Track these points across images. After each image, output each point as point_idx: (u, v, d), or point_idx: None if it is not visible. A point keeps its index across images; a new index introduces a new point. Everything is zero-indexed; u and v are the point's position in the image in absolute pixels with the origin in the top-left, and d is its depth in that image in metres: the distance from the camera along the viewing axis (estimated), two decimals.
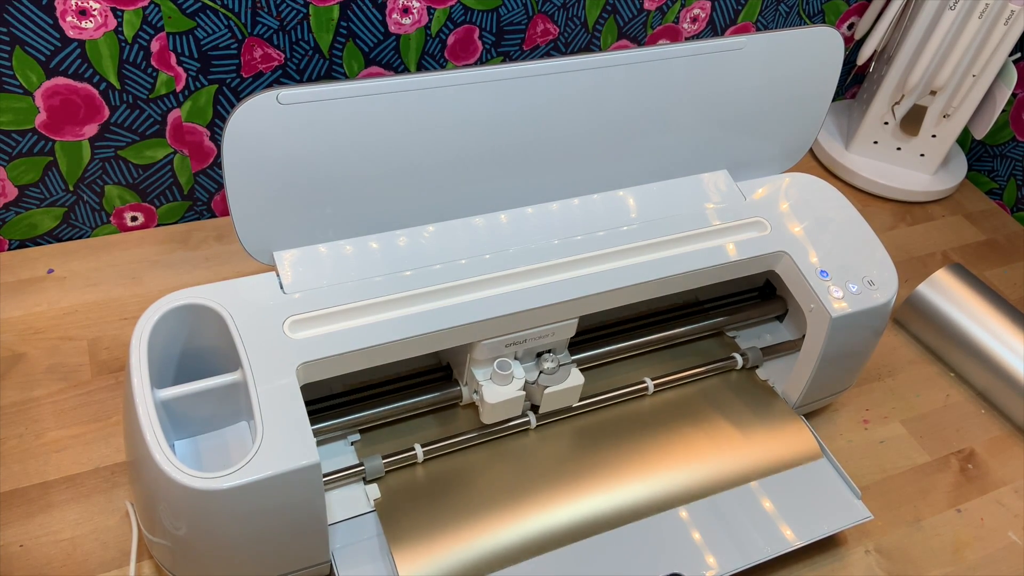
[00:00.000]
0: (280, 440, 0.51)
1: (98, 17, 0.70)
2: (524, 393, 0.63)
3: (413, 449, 0.63)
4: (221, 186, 0.86)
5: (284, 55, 0.79)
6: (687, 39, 0.97)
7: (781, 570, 0.65)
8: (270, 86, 0.69)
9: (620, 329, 0.74)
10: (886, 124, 1.03)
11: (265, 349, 0.54)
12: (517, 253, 0.62)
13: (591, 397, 0.70)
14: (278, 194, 0.55)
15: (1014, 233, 1.04)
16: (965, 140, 1.12)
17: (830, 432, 0.76)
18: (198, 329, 0.57)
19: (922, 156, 1.04)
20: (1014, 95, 1.05)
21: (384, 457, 0.62)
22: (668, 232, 0.66)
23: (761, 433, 0.70)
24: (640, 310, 0.76)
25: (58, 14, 0.69)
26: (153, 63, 0.75)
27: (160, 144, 0.80)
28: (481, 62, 0.88)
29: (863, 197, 1.05)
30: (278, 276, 0.57)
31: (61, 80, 0.72)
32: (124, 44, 0.72)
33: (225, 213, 0.88)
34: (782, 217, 0.69)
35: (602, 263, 0.63)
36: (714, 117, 0.67)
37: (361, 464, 0.62)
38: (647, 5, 0.92)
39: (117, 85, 0.75)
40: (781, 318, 0.78)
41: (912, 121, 1.01)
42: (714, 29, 0.98)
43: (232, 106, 0.77)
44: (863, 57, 1.00)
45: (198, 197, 0.86)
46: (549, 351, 0.65)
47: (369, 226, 0.60)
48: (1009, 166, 1.07)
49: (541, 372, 0.64)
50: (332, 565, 0.58)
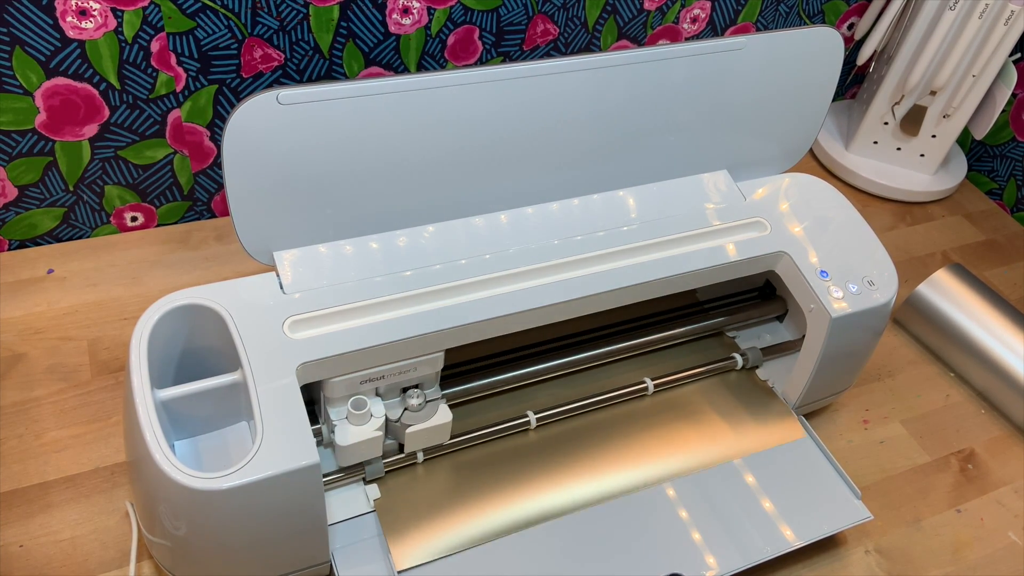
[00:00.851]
0: (280, 440, 0.51)
1: (98, 17, 0.70)
2: (382, 434, 0.59)
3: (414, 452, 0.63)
4: (221, 186, 0.86)
5: (284, 55, 0.79)
6: (687, 39, 0.97)
7: (781, 570, 0.65)
8: (270, 86, 0.69)
9: (620, 329, 0.74)
10: (886, 124, 1.03)
11: (265, 349, 0.54)
12: (517, 253, 0.62)
13: (591, 397, 0.70)
14: (278, 194, 0.55)
15: (1014, 233, 1.03)
16: (965, 140, 1.12)
17: (830, 432, 0.76)
18: (198, 329, 0.57)
19: (922, 156, 1.04)
20: (1014, 95, 1.05)
21: (384, 457, 0.62)
22: (668, 232, 0.66)
23: (760, 433, 0.70)
24: (640, 310, 0.76)
25: (58, 14, 0.69)
26: (153, 63, 0.75)
27: (160, 144, 0.80)
28: (481, 62, 0.88)
29: (863, 197, 1.05)
30: (278, 276, 0.57)
31: (61, 80, 0.73)
32: (124, 44, 0.72)
33: (225, 213, 0.88)
34: (782, 217, 0.69)
35: (602, 263, 0.63)
36: (714, 117, 0.67)
37: (361, 464, 0.62)
38: (647, 5, 0.92)
39: (117, 85, 0.75)
40: (781, 318, 0.78)
41: (912, 121, 1.01)
42: (714, 29, 0.98)
43: (232, 106, 0.77)
44: (863, 57, 1.00)
45: (198, 197, 0.86)
46: (416, 386, 0.61)
47: (369, 226, 0.60)
48: (1009, 166, 1.07)
49: (405, 409, 0.60)
50: (332, 565, 0.58)
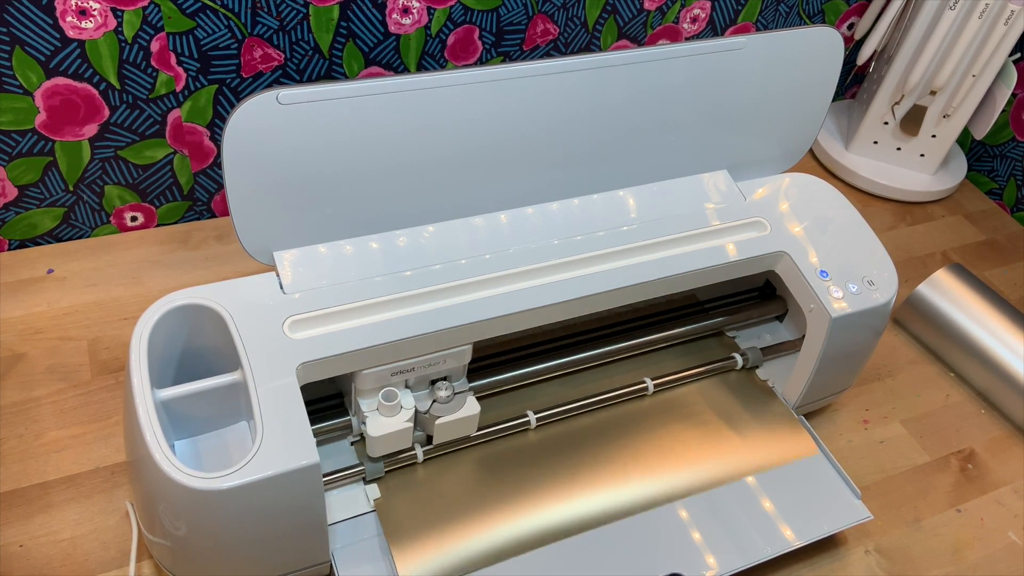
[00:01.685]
0: (280, 440, 0.51)
1: (98, 17, 0.70)
2: (411, 425, 0.60)
3: (413, 449, 0.63)
4: (221, 186, 0.86)
5: (284, 55, 0.79)
6: (687, 39, 0.97)
7: (781, 570, 0.65)
8: (270, 86, 0.69)
9: (620, 329, 0.74)
10: (886, 124, 1.03)
11: (265, 349, 0.54)
12: (517, 253, 0.62)
13: (591, 397, 0.70)
14: (278, 194, 0.55)
15: (1014, 233, 1.03)
16: (965, 140, 1.12)
17: (830, 432, 0.76)
18: (198, 329, 0.57)
19: (922, 156, 1.04)
20: (1014, 95, 1.05)
21: (384, 457, 0.62)
22: (668, 232, 0.66)
23: (760, 433, 0.70)
24: (640, 310, 0.76)
25: (58, 14, 0.69)
26: (153, 63, 0.75)
27: (160, 144, 0.80)
28: (481, 62, 0.88)
29: (863, 197, 1.05)
30: (278, 276, 0.57)
31: (61, 80, 0.73)
32: (124, 44, 0.72)
33: (225, 213, 0.88)
34: (782, 217, 0.69)
35: (602, 263, 0.63)
36: (714, 117, 0.67)
37: (361, 464, 0.62)
38: (647, 5, 0.92)
39: (117, 85, 0.75)
40: (781, 318, 0.78)
41: (912, 121, 1.01)
42: (714, 29, 0.98)
43: (232, 106, 0.77)
44: (863, 57, 1.00)
45: (198, 197, 0.86)
46: (444, 379, 0.62)
47: (369, 226, 0.60)
48: (1009, 166, 1.07)
49: (434, 401, 0.61)
50: (332, 565, 0.58)
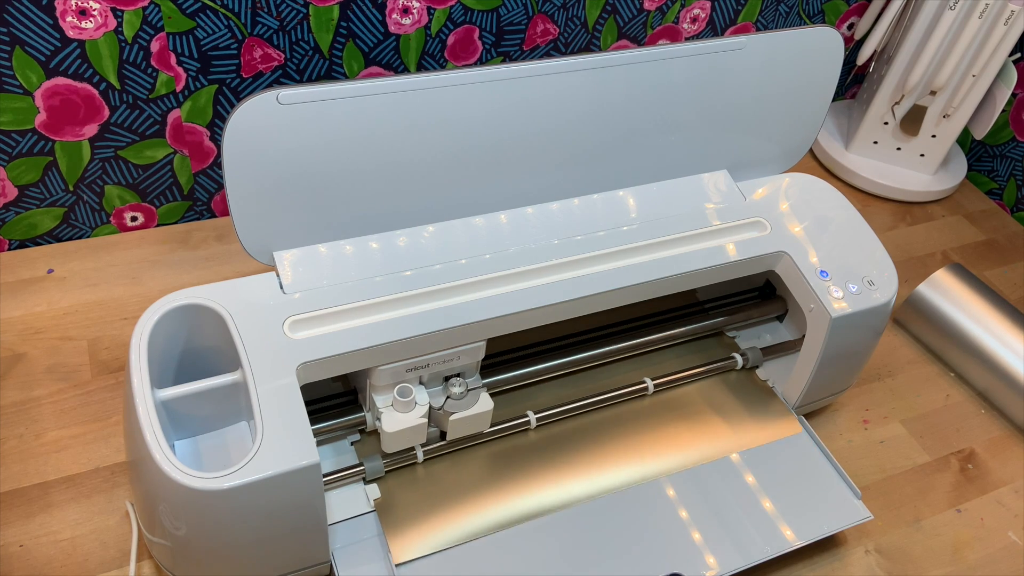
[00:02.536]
0: (280, 440, 0.51)
1: (98, 17, 0.70)
2: (426, 421, 0.60)
3: (413, 449, 0.63)
4: (221, 186, 0.86)
5: (284, 55, 0.79)
6: (687, 39, 0.97)
7: (781, 570, 0.65)
8: (270, 86, 0.69)
9: (620, 329, 0.74)
10: (886, 124, 1.03)
11: (265, 349, 0.54)
12: (517, 253, 0.62)
13: (591, 397, 0.70)
14: (278, 194, 0.55)
15: (1014, 233, 1.03)
16: (965, 140, 1.12)
17: (830, 432, 0.76)
18: (198, 329, 0.57)
19: (922, 156, 1.04)
20: (1014, 95, 1.05)
21: (384, 457, 0.62)
22: (668, 232, 0.66)
23: (760, 433, 0.70)
24: (640, 310, 0.76)
25: (58, 14, 0.69)
26: (153, 63, 0.75)
27: (160, 144, 0.80)
28: (481, 62, 0.88)
29: (863, 197, 1.05)
30: (278, 276, 0.57)
31: (61, 80, 0.73)
32: (124, 44, 0.72)
33: (225, 213, 0.88)
34: (782, 217, 0.69)
35: (602, 263, 0.63)
36: (714, 117, 0.67)
37: (361, 464, 0.62)
38: (647, 5, 0.92)
39: (117, 85, 0.75)
40: (781, 318, 0.78)
41: (912, 121, 1.01)
42: (714, 29, 0.98)
43: (232, 106, 0.77)
44: (863, 57, 1.00)
45: (198, 197, 0.86)
46: (458, 375, 0.62)
47: (369, 226, 0.60)
48: (1009, 166, 1.07)
49: (448, 397, 0.61)
50: (332, 565, 0.58)
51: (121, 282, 0.80)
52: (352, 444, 0.65)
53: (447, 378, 0.62)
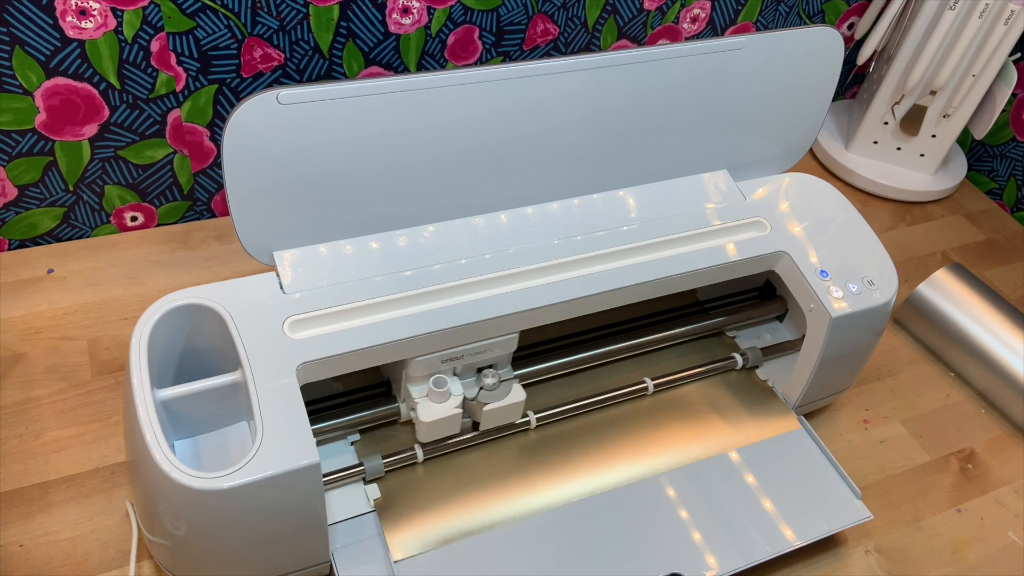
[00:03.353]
0: (280, 440, 0.51)
1: (98, 17, 0.70)
2: (461, 411, 0.61)
3: (413, 449, 0.63)
4: (221, 186, 0.86)
5: (284, 55, 0.79)
6: (687, 39, 0.97)
7: (781, 570, 0.65)
8: (270, 86, 0.69)
9: (620, 329, 0.74)
10: (886, 124, 1.03)
11: (265, 349, 0.54)
12: (517, 253, 0.62)
13: (591, 397, 0.70)
14: (278, 194, 0.55)
15: (1014, 233, 1.04)
16: (965, 140, 1.12)
17: (830, 432, 0.76)
18: (198, 329, 0.57)
19: (922, 156, 1.04)
20: (1014, 95, 1.05)
21: (384, 457, 0.62)
22: (668, 232, 0.66)
23: (760, 433, 0.70)
24: (640, 310, 0.76)
25: (58, 14, 0.69)
26: (153, 63, 0.75)
27: (160, 144, 0.80)
28: (481, 62, 0.88)
29: (863, 197, 1.05)
30: (278, 276, 0.57)
31: (61, 80, 0.72)
32: (124, 44, 0.72)
33: (225, 213, 0.88)
34: (782, 217, 0.69)
35: (602, 263, 0.63)
36: (714, 117, 0.67)
37: (361, 464, 0.62)
38: (647, 5, 0.92)
39: (117, 85, 0.75)
40: (781, 318, 0.78)
41: (912, 121, 1.01)
42: (714, 29, 0.98)
43: (232, 106, 0.77)
44: (863, 57, 1.00)
45: (198, 197, 0.86)
46: (490, 366, 0.63)
47: (369, 226, 0.60)
48: (1009, 166, 1.07)
49: (481, 388, 0.62)
50: (332, 565, 0.58)
51: (121, 282, 0.80)
52: (352, 444, 0.65)
53: (480, 369, 0.63)
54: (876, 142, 1.05)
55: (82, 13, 0.69)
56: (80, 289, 0.78)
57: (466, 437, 0.65)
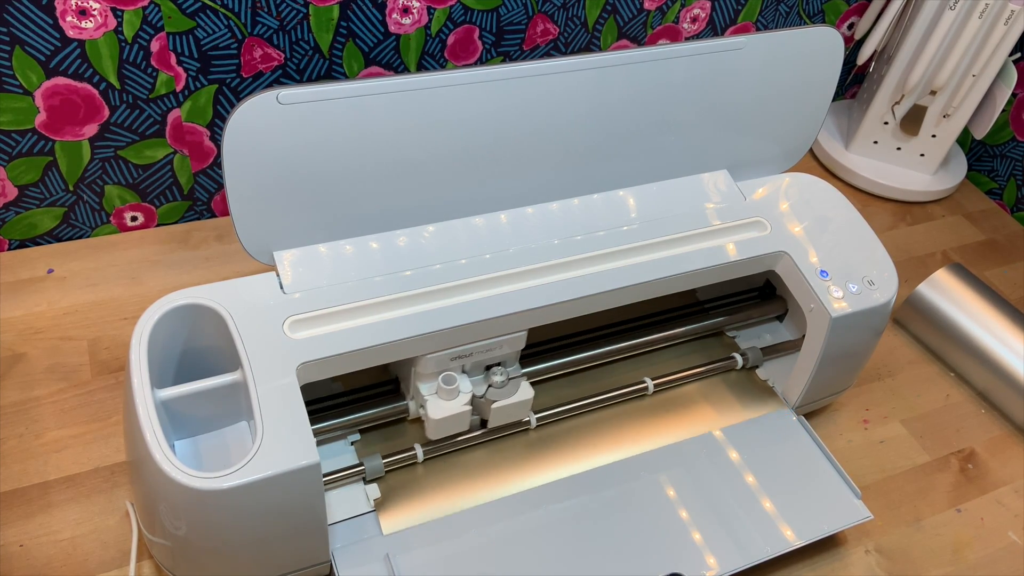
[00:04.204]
0: (280, 440, 0.51)
1: (98, 17, 0.70)
2: (470, 408, 0.61)
3: (413, 449, 0.63)
4: (221, 186, 0.86)
5: (284, 55, 0.79)
6: (687, 39, 0.97)
7: (781, 570, 0.65)
8: (270, 86, 0.69)
9: (620, 329, 0.74)
10: (886, 124, 1.03)
11: (265, 349, 0.54)
12: (517, 253, 0.62)
13: (591, 397, 0.70)
14: (278, 194, 0.55)
15: (1014, 233, 1.03)
16: (965, 140, 1.12)
17: (830, 432, 0.76)
18: (198, 329, 0.57)
19: (922, 156, 1.04)
20: (1014, 95, 1.05)
21: (384, 457, 0.62)
22: (668, 232, 0.66)
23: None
24: (640, 310, 0.76)
25: (58, 14, 0.69)
26: (153, 63, 0.75)
27: (160, 144, 0.80)
28: (481, 62, 0.88)
29: (863, 197, 1.05)
30: (278, 276, 0.57)
31: (61, 80, 0.73)
32: (124, 44, 0.72)
33: (225, 213, 0.88)
34: (782, 217, 0.69)
35: (602, 263, 0.63)
36: (714, 117, 0.67)
37: (361, 464, 0.62)
38: (647, 5, 0.92)
39: (117, 85, 0.75)
40: (781, 318, 0.78)
41: (912, 121, 1.01)
42: (714, 29, 0.98)
43: (232, 106, 0.77)
44: (863, 57, 1.00)
45: (198, 197, 0.86)
46: (499, 364, 0.63)
47: (369, 226, 0.60)
48: (1009, 166, 1.07)
49: (489, 386, 0.62)
50: (332, 565, 0.58)
51: (121, 282, 0.80)
52: (352, 444, 0.65)
53: (488, 367, 0.63)
54: (876, 142, 1.05)
55: (82, 13, 0.69)
56: (80, 289, 0.78)
57: (471, 435, 0.65)
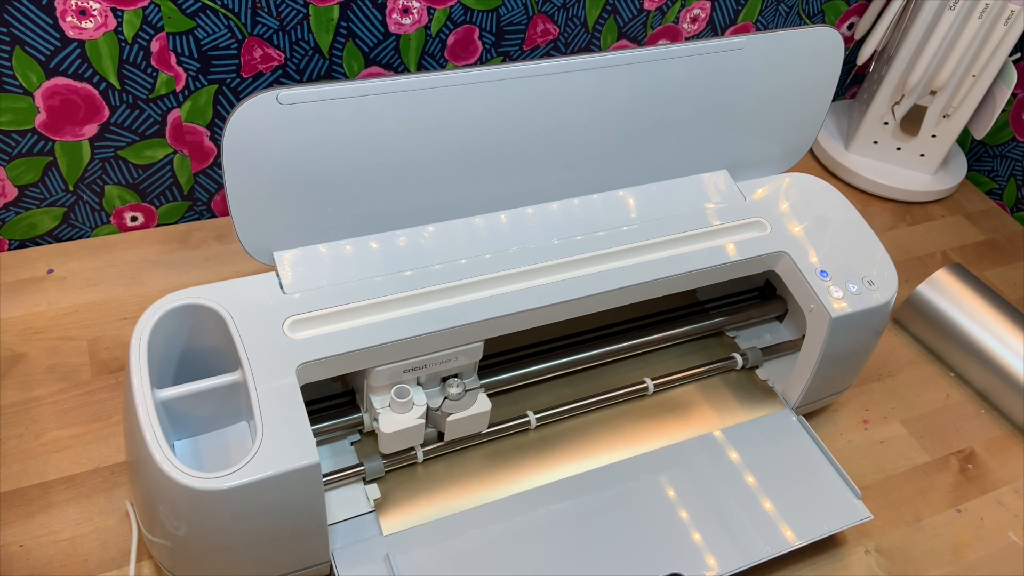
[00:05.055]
0: (280, 440, 0.51)
1: (98, 17, 0.70)
2: (423, 422, 0.60)
3: (413, 449, 0.63)
4: (221, 186, 0.86)
5: (284, 55, 0.79)
6: (687, 39, 0.97)
7: (781, 570, 0.65)
8: (270, 86, 0.69)
9: (620, 329, 0.74)
10: (886, 124, 1.03)
11: (265, 349, 0.54)
12: (517, 253, 0.62)
13: (591, 397, 0.70)
14: (278, 194, 0.55)
15: (1014, 233, 1.03)
16: (965, 140, 1.12)
17: (830, 432, 0.76)
18: (198, 329, 0.57)
19: (922, 156, 1.04)
20: (1014, 95, 1.05)
21: (384, 457, 0.62)
22: (668, 232, 0.66)
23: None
24: (640, 310, 0.76)
25: (58, 14, 0.69)
26: (153, 63, 0.75)
27: (160, 144, 0.80)
28: (481, 62, 0.88)
29: (863, 197, 1.05)
30: (278, 276, 0.57)
31: (61, 80, 0.73)
32: (124, 44, 0.72)
33: (225, 213, 0.88)
34: (782, 217, 0.69)
35: (602, 263, 0.63)
36: (714, 117, 0.67)
37: (361, 464, 0.62)
38: (647, 5, 0.92)
39: (117, 85, 0.75)
40: (781, 318, 0.78)
41: (912, 121, 1.01)
42: (714, 29, 0.98)
43: (232, 106, 0.77)
44: (863, 57, 1.00)
45: (198, 197, 0.86)
46: (456, 376, 0.62)
47: (369, 226, 0.60)
48: (1009, 166, 1.07)
49: (445, 398, 0.61)
50: (332, 565, 0.58)
51: (121, 282, 0.80)
52: (352, 444, 0.65)
53: (445, 379, 0.62)
54: (876, 142, 1.05)
55: (82, 13, 0.69)
56: (80, 289, 0.78)
57: (467, 437, 0.65)
